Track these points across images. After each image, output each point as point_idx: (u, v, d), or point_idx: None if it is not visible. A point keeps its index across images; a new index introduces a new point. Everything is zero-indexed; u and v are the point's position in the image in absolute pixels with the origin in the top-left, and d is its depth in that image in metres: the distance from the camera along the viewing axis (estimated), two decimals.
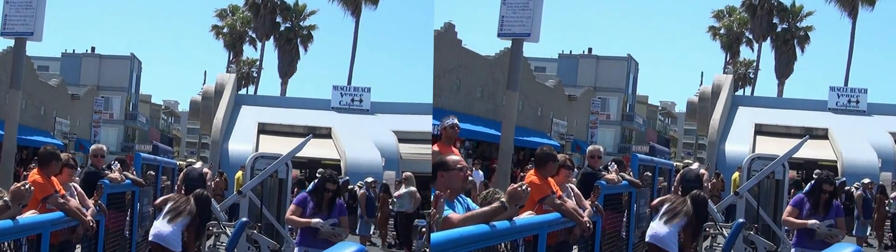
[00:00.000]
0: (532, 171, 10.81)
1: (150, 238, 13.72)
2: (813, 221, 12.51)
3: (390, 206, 23.40)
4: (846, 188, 23.87)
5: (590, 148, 13.79)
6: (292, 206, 12.44)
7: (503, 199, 8.07)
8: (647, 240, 13.76)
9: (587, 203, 11.40)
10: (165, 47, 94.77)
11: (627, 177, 13.62)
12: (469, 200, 8.47)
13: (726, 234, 15.50)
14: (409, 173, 23.84)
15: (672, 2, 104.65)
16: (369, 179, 24.36)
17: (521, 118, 36.87)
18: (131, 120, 51.61)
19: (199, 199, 13.63)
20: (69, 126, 44.50)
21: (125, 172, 13.88)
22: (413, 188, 22.75)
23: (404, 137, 36.79)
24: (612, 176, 12.88)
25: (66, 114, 44.61)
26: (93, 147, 14.45)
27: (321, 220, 11.97)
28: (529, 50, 60.63)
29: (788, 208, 13.07)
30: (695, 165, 19.81)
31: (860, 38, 53.43)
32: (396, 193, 23.17)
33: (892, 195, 23.29)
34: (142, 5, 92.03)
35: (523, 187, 8.16)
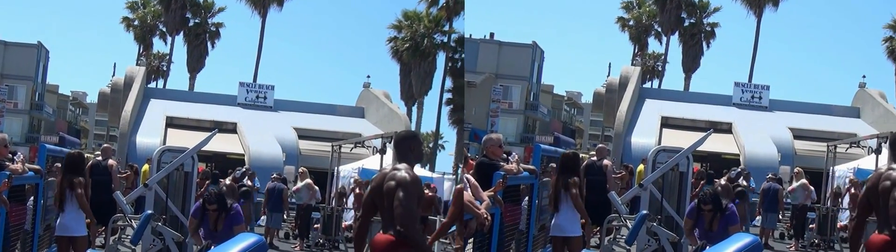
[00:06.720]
0: None
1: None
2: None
3: (289, 199, 23.86)
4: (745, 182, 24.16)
5: (487, 136, 12.91)
6: (191, 219, 13.03)
7: None
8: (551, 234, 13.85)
9: (484, 194, 11.11)
10: (74, 37, 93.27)
11: (528, 167, 13.22)
12: None
13: (630, 226, 15.65)
14: (304, 168, 24.43)
15: None
16: (274, 175, 24.63)
17: None
18: (37, 110, 50.83)
19: (68, 158, 13.81)
20: None
21: (27, 164, 13.66)
22: (310, 181, 23.23)
23: (304, 134, 38.34)
24: (512, 166, 12.36)
25: None
26: None
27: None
28: None
29: (686, 220, 13.69)
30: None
31: (764, 37, 54.42)
32: (295, 187, 23.62)
33: (790, 188, 23.72)
34: None
35: None
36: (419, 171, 23.20)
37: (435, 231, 11.37)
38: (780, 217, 24.58)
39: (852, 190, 22.30)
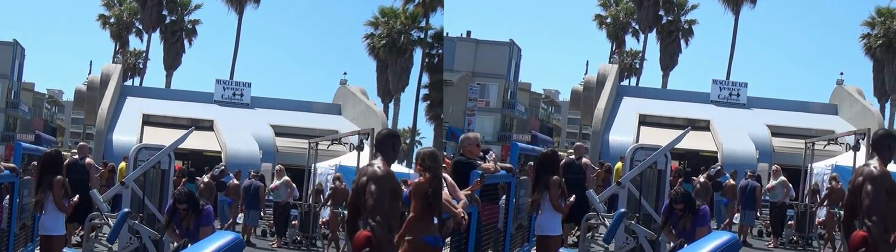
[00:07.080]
0: None
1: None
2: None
3: (267, 197, 23.84)
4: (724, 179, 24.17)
5: (464, 135, 12.88)
6: (165, 216, 12.86)
7: None
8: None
9: (462, 193, 11.02)
10: (50, 35, 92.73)
11: (505, 165, 13.17)
12: None
13: (608, 225, 15.61)
14: (281, 166, 24.42)
15: None
16: (252, 172, 24.56)
17: None
18: (13, 108, 50.58)
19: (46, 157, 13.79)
20: None
21: (3, 162, 13.60)
22: (287, 178, 23.22)
23: (281, 131, 38.28)
24: (489, 165, 12.32)
25: None
26: None
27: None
28: None
29: (662, 217, 13.57)
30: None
31: (742, 34, 54.47)
32: (272, 184, 23.58)
33: (768, 185, 23.75)
34: None
35: None
36: (396, 167, 23.18)
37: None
38: (759, 214, 24.61)
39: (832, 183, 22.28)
